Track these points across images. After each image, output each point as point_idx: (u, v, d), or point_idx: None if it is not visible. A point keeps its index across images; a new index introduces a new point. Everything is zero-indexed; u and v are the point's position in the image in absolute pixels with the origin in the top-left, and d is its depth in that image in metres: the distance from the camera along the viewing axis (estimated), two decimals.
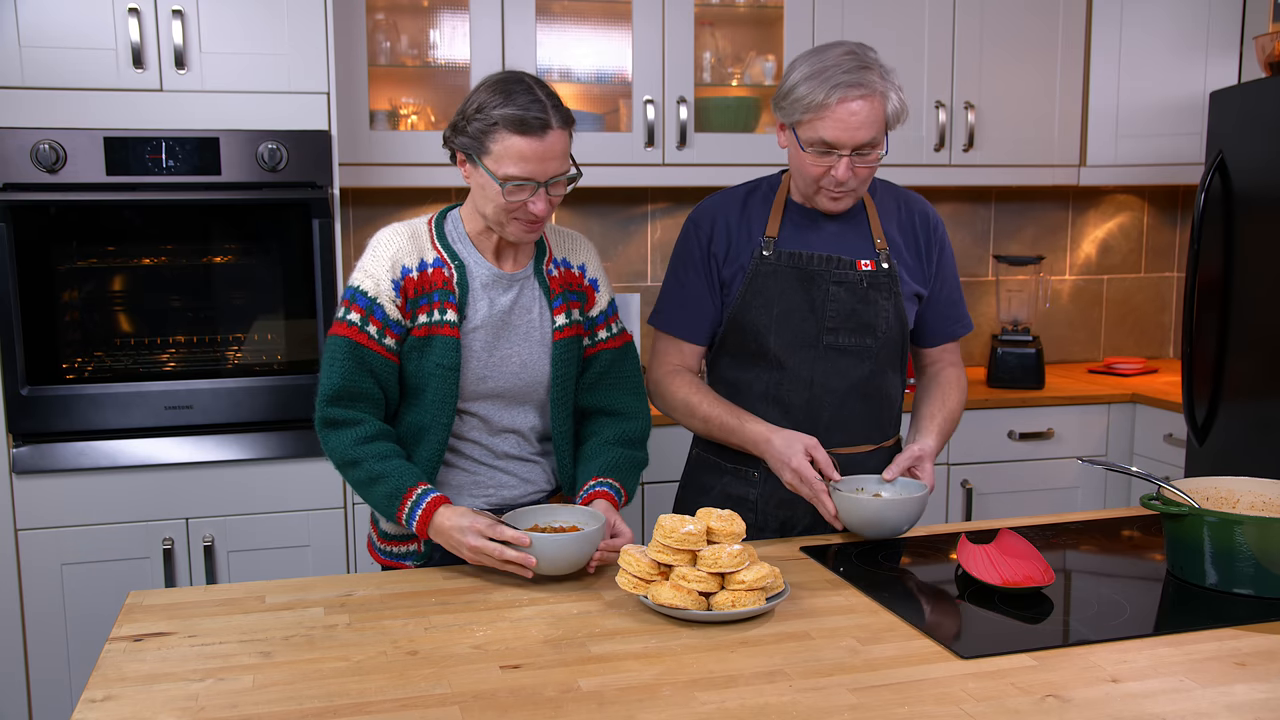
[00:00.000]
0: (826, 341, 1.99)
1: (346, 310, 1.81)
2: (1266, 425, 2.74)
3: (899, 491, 1.88)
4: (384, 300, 1.80)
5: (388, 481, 1.76)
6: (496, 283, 1.85)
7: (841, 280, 1.98)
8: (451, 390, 1.82)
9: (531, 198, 1.74)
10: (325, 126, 2.74)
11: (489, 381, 1.85)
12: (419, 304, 1.81)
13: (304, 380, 2.78)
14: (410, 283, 1.81)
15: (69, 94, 2.59)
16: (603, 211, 3.53)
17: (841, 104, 1.84)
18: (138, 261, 2.74)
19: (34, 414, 2.64)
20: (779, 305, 1.99)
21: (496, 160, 1.73)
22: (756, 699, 1.28)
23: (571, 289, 1.92)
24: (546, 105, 1.72)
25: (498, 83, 1.75)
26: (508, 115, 1.70)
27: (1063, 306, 3.99)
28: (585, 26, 3.32)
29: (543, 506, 1.77)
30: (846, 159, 1.88)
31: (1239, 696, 1.29)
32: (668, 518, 1.58)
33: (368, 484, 1.78)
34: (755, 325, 2.01)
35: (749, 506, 2.05)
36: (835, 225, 2.02)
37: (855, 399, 2.02)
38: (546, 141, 1.71)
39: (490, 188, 1.75)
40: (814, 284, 1.98)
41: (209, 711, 1.27)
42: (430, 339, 1.81)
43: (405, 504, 1.75)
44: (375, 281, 1.80)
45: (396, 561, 1.93)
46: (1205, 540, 1.63)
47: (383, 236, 1.86)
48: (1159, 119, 3.52)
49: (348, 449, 1.79)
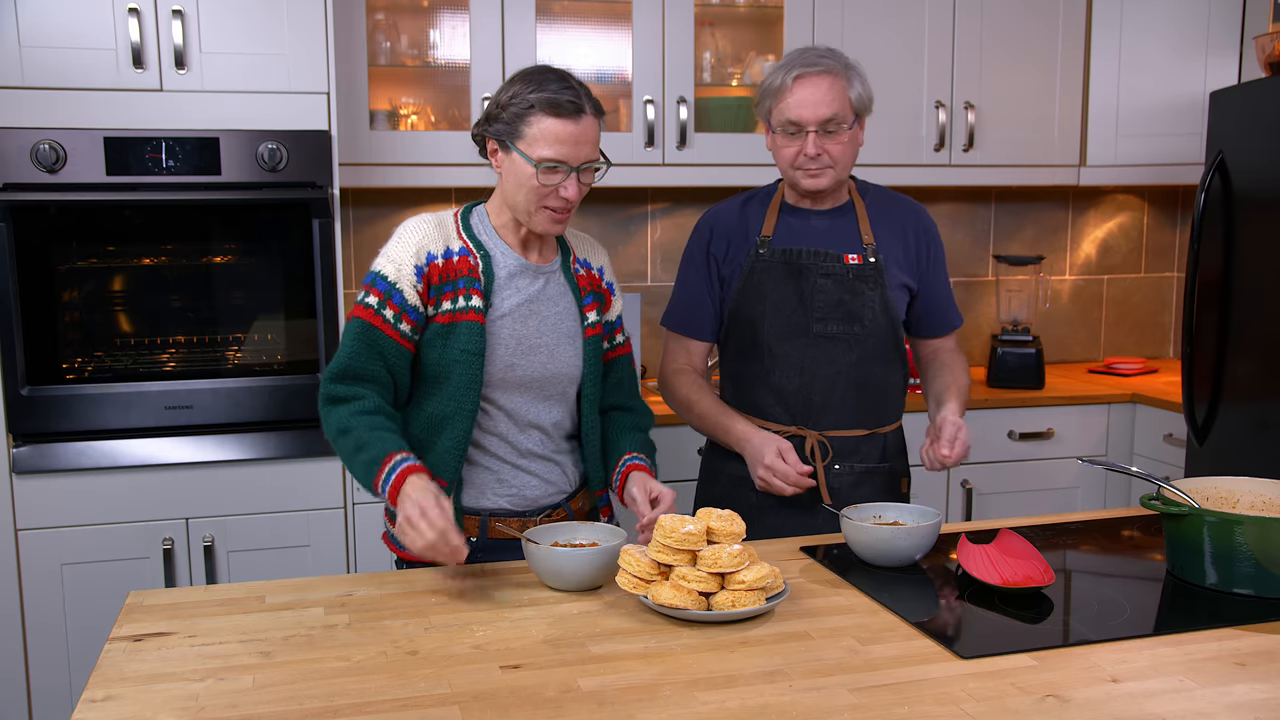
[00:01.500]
0: (816, 330, 2.11)
1: (365, 293, 1.82)
2: (1266, 425, 2.74)
3: (912, 519, 1.83)
4: (404, 285, 1.80)
5: (370, 449, 1.73)
6: (523, 273, 1.88)
7: (829, 273, 2.10)
8: (476, 377, 1.82)
9: (564, 181, 1.78)
10: (325, 126, 2.74)
11: (516, 370, 1.86)
12: (443, 290, 1.82)
13: (304, 380, 2.78)
14: (435, 269, 1.82)
15: (69, 94, 2.59)
16: (603, 211, 3.53)
17: (799, 82, 2.02)
18: (138, 261, 2.74)
19: (34, 414, 2.64)
20: (772, 298, 2.12)
21: (531, 143, 1.77)
22: (756, 699, 1.28)
23: (595, 290, 1.97)
24: (580, 92, 1.78)
25: (531, 73, 1.81)
26: (544, 99, 1.75)
27: (1063, 306, 3.99)
28: (585, 26, 3.32)
29: (562, 524, 1.77)
30: (813, 134, 2.03)
31: (1239, 696, 1.28)
32: (668, 518, 1.58)
33: (353, 452, 1.75)
34: (751, 317, 2.14)
35: (751, 486, 2.11)
36: (825, 223, 2.15)
37: (845, 385, 2.13)
38: (581, 125, 1.77)
39: (523, 171, 1.78)
40: (804, 277, 2.11)
41: (209, 711, 1.27)
42: (454, 325, 1.81)
43: (383, 469, 1.70)
44: (397, 266, 1.81)
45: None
46: (1205, 540, 1.63)
47: (409, 224, 1.87)
48: (1159, 119, 3.52)
49: (344, 418, 1.77)
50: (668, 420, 3.02)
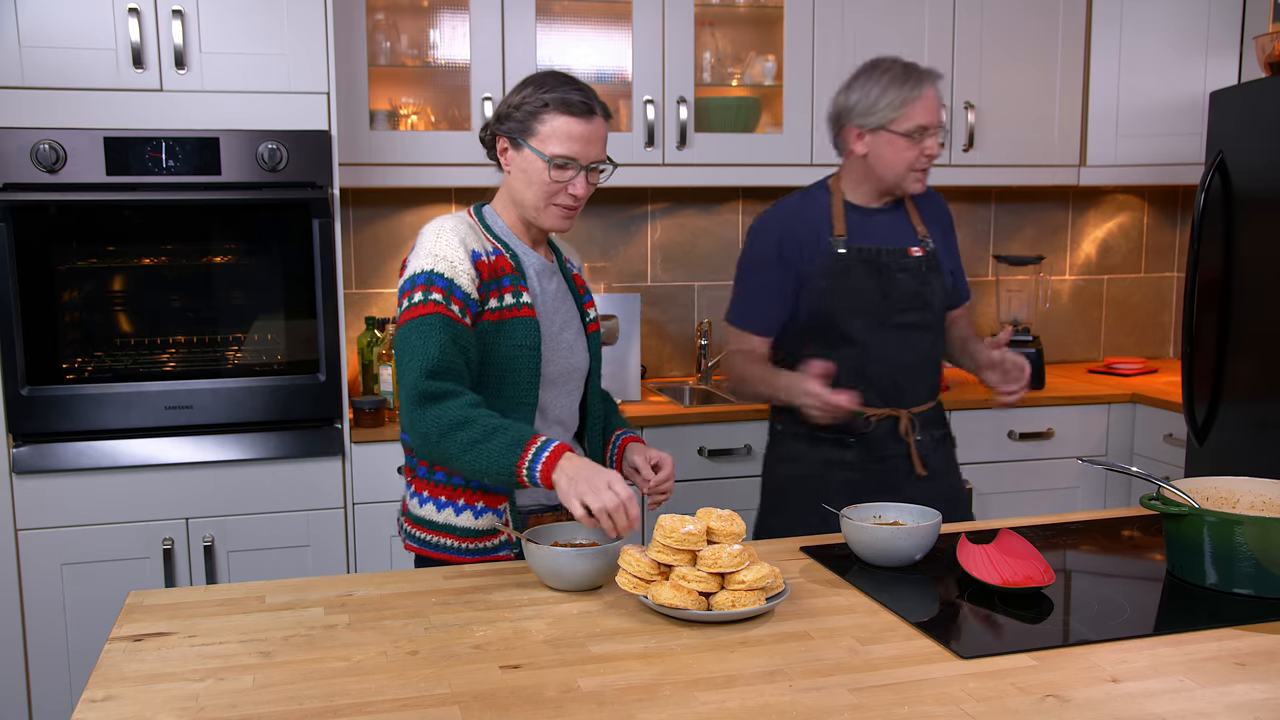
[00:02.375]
0: (897, 320, 2.27)
1: (426, 292, 1.77)
2: (1266, 425, 2.74)
3: (912, 519, 1.83)
4: (462, 280, 1.79)
5: (507, 432, 1.69)
6: (544, 270, 1.94)
7: (905, 267, 2.28)
8: (536, 371, 1.85)
9: (574, 178, 1.83)
10: (325, 126, 2.74)
11: (552, 365, 1.90)
12: (491, 287, 1.83)
13: (304, 380, 2.79)
14: (482, 265, 1.83)
15: (69, 94, 2.59)
16: (603, 211, 3.53)
17: (929, 90, 2.22)
18: (138, 261, 2.74)
19: (34, 414, 2.64)
20: (856, 293, 2.26)
21: (543, 140, 1.82)
22: (756, 699, 1.29)
23: (585, 288, 2.06)
24: (590, 94, 1.85)
25: (542, 77, 1.87)
26: (557, 98, 1.82)
27: (1063, 306, 3.99)
28: (585, 26, 3.32)
29: (561, 525, 1.77)
30: (934, 136, 2.22)
31: (1239, 696, 1.29)
32: (668, 518, 1.58)
33: (483, 440, 1.69)
34: (837, 311, 2.27)
35: (847, 467, 2.28)
36: (887, 219, 2.32)
37: (926, 366, 2.34)
38: (593, 124, 1.83)
39: (535, 168, 1.83)
40: (882, 272, 2.27)
41: (209, 711, 1.27)
42: (504, 323, 1.83)
43: (529, 450, 1.68)
44: (450, 263, 1.79)
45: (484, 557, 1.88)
46: (1205, 540, 1.63)
47: (444, 224, 1.85)
48: (1159, 119, 3.52)
49: (458, 411, 1.71)
50: (668, 420, 3.02)
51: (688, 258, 3.64)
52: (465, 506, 1.88)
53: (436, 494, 1.89)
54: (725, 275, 3.66)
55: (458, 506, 1.88)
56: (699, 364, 3.58)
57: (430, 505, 1.90)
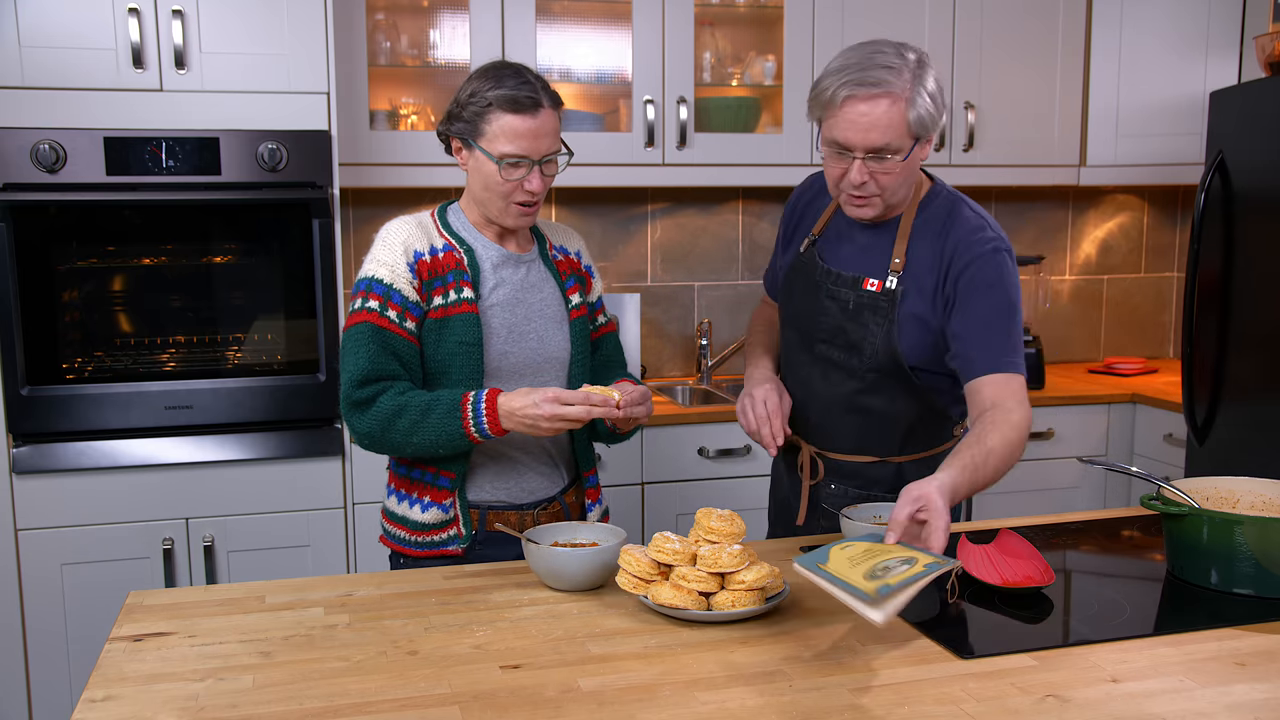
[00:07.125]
0: (819, 350, 1.98)
1: (364, 299, 1.83)
2: (1266, 425, 2.74)
3: None
4: (400, 284, 1.82)
5: (441, 402, 1.77)
6: (505, 262, 1.92)
7: (834, 296, 1.94)
8: (477, 367, 1.85)
9: (527, 175, 1.82)
10: (325, 126, 2.74)
11: (510, 357, 1.89)
12: (433, 286, 1.84)
13: (304, 380, 2.79)
14: (424, 265, 1.84)
15: (69, 94, 2.59)
16: (603, 211, 3.53)
17: (848, 103, 1.75)
18: (138, 261, 2.74)
19: (34, 414, 2.64)
20: (793, 301, 2.04)
21: (491, 140, 1.81)
22: (756, 699, 1.28)
23: (575, 273, 2.02)
24: (536, 86, 1.82)
25: (488, 70, 1.85)
26: (501, 96, 1.79)
27: (1063, 306, 3.99)
28: (585, 26, 3.32)
29: (562, 524, 1.77)
30: (859, 162, 1.78)
31: (1239, 696, 1.28)
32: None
33: (420, 418, 1.77)
34: (781, 309, 2.10)
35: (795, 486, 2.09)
36: (867, 236, 1.95)
37: (841, 411, 1.97)
38: (539, 119, 1.80)
39: (487, 168, 1.82)
40: (816, 293, 1.98)
41: (209, 711, 1.27)
42: (448, 320, 1.84)
43: (466, 409, 1.76)
44: (390, 268, 1.83)
45: (431, 551, 1.90)
46: (1205, 540, 1.63)
47: (391, 227, 1.90)
48: (1159, 119, 3.52)
49: (390, 401, 1.78)
50: (668, 420, 3.02)
51: (688, 258, 3.64)
52: (416, 500, 1.90)
53: (399, 487, 1.94)
54: (725, 275, 3.67)
55: (411, 500, 1.91)
56: (699, 364, 3.58)
57: (394, 497, 1.95)
